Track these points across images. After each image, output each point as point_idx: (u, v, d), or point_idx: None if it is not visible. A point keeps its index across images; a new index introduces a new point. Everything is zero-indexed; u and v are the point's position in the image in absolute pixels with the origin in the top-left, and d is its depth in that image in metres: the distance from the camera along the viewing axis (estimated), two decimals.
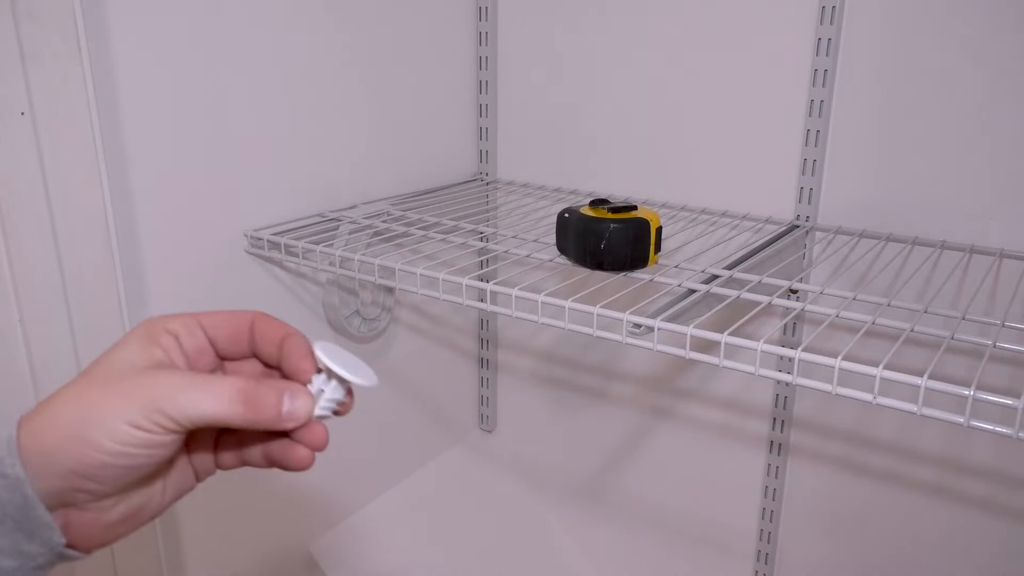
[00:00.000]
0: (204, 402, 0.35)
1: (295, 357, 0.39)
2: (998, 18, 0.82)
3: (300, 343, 0.40)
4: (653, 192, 1.08)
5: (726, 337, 0.60)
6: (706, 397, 1.12)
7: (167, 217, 0.81)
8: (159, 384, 0.35)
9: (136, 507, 0.38)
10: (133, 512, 0.38)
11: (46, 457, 0.34)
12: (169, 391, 0.35)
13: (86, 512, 0.36)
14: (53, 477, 0.34)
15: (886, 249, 0.91)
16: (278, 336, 0.40)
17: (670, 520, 1.21)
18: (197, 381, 0.36)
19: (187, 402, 0.35)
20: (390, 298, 1.07)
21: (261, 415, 0.36)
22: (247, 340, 0.41)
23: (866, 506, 1.04)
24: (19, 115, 0.66)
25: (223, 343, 0.41)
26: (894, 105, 0.89)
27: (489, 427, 1.35)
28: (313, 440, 0.39)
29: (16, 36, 0.65)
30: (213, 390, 0.36)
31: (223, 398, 0.35)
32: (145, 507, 0.39)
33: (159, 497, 0.39)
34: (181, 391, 0.35)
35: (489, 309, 0.72)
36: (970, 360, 0.89)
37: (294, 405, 0.38)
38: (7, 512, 0.34)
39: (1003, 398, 0.53)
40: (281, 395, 0.37)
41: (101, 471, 0.34)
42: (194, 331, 0.40)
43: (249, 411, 0.36)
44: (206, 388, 0.36)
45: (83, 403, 0.35)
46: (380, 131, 1.04)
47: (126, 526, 0.38)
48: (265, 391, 0.37)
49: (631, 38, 1.05)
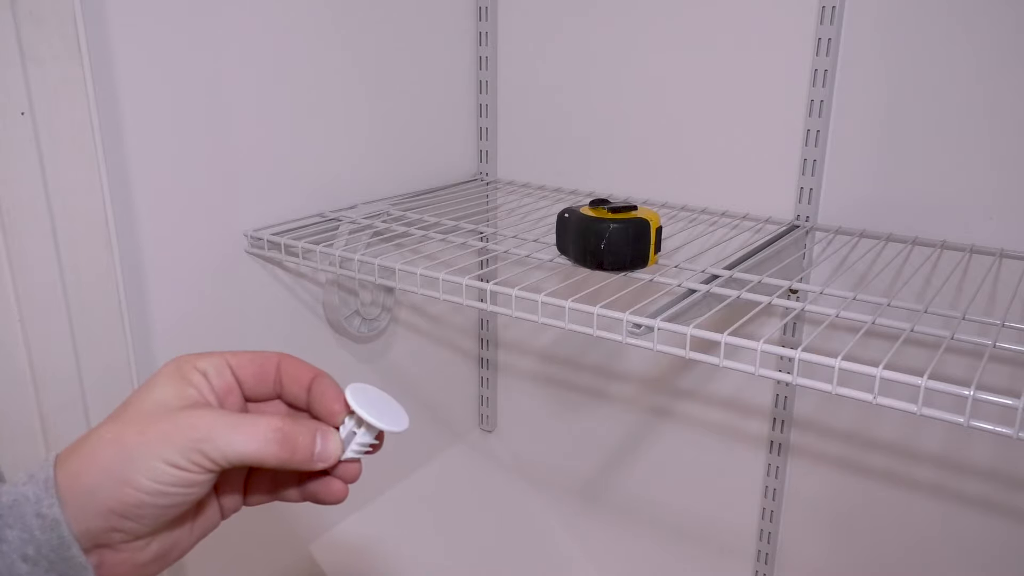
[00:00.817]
0: (242, 442, 0.35)
1: (326, 399, 0.40)
2: (998, 18, 0.82)
3: (330, 385, 0.40)
4: (653, 192, 1.08)
5: (726, 337, 0.60)
6: (706, 397, 1.12)
7: (167, 217, 0.81)
8: (197, 425, 0.35)
9: (168, 547, 0.38)
10: (164, 552, 0.38)
11: (85, 498, 0.34)
12: (207, 432, 0.35)
13: (120, 552, 0.36)
14: (91, 517, 0.34)
15: (886, 249, 0.91)
16: (306, 378, 0.40)
17: (670, 520, 1.21)
18: (234, 421, 0.36)
19: (225, 442, 0.35)
20: (390, 298, 1.07)
21: (295, 455, 0.37)
22: (273, 380, 0.41)
23: (866, 506, 1.04)
24: (19, 115, 0.66)
25: (250, 383, 0.41)
26: (894, 105, 0.89)
27: (489, 427, 1.35)
28: (347, 475, 0.41)
29: (16, 37, 0.65)
30: (250, 430, 0.36)
31: (259, 438, 0.36)
32: (176, 546, 0.39)
33: (188, 536, 0.40)
34: (219, 432, 0.35)
35: (489, 309, 0.72)
36: (970, 360, 0.89)
37: (326, 447, 0.38)
38: (42, 553, 0.34)
39: (1003, 398, 0.53)
40: (314, 436, 0.38)
41: (139, 510, 0.35)
42: (222, 370, 0.40)
43: (284, 451, 0.36)
44: (243, 428, 0.36)
45: (122, 444, 0.35)
46: (380, 131, 1.04)
47: (157, 566, 0.38)
48: (300, 431, 0.37)
49: (631, 38, 1.05)
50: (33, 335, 0.71)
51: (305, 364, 0.41)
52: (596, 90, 1.09)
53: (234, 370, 0.40)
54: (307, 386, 0.40)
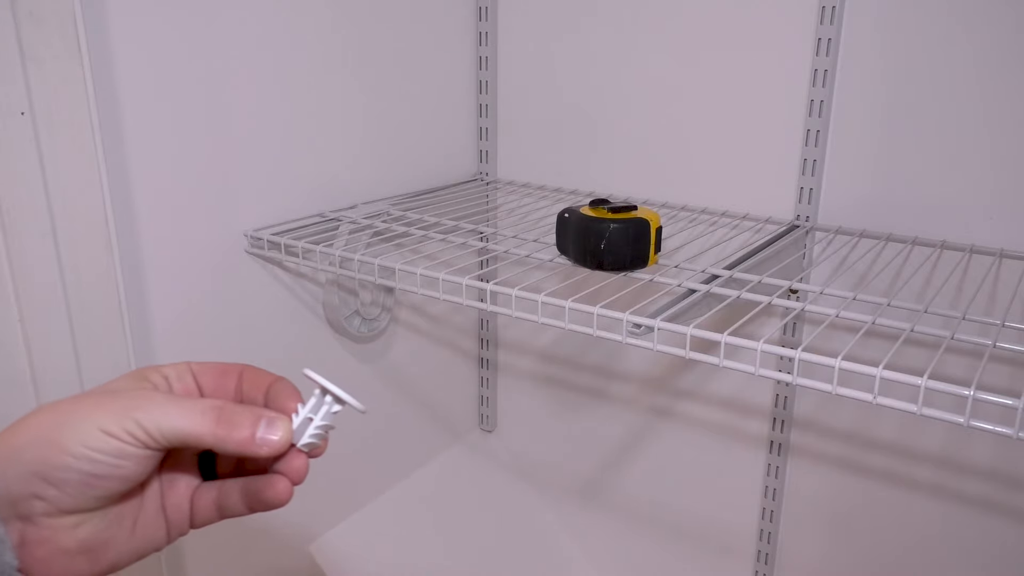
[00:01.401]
0: (177, 415, 0.35)
1: (281, 397, 0.39)
2: (998, 18, 0.82)
3: (287, 386, 0.40)
4: (653, 192, 1.08)
5: (726, 337, 0.60)
6: (706, 397, 1.12)
7: (167, 217, 0.81)
8: (137, 397, 0.36)
9: (97, 538, 0.37)
10: (94, 544, 0.37)
11: (10, 456, 0.34)
12: (144, 402, 0.35)
13: (42, 529, 0.35)
14: (13, 480, 0.34)
15: (886, 249, 0.91)
16: (265, 383, 0.40)
17: (670, 520, 1.21)
18: (175, 397, 0.36)
19: (160, 413, 0.35)
20: (390, 298, 1.07)
21: (233, 433, 0.36)
22: (234, 388, 0.41)
23: (866, 506, 1.04)
24: (19, 115, 0.66)
25: (210, 388, 0.41)
26: (894, 105, 0.90)
27: (489, 427, 1.35)
28: (292, 469, 0.39)
29: (16, 37, 0.65)
30: (187, 404, 0.36)
31: (195, 412, 0.35)
32: (109, 544, 0.37)
33: (126, 539, 0.38)
34: (155, 404, 0.35)
35: (489, 309, 0.72)
36: (970, 360, 0.89)
37: (270, 430, 0.37)
38: None
39: (1003, 398, 0.53)
40: (258, 419, 0.37)
41: (64, 474, 0.34)
42: (184, 375, 0.40)
43: (221, 427, 0.36)
44: (181, 403, 0.36)
45: (58, 410, 0.35)
46: (380, 131, 1.04)
47: (87, 560, 0.37)
48: (241, 411, 0.37)
49: (631, 38, 1.05)
50: (33, 335, 0.71)
51: (266, 372, 0.41)
52: (596, 90, 1.09)
53: (196, 375, 0.40)
54: (266, 390, 0.40)
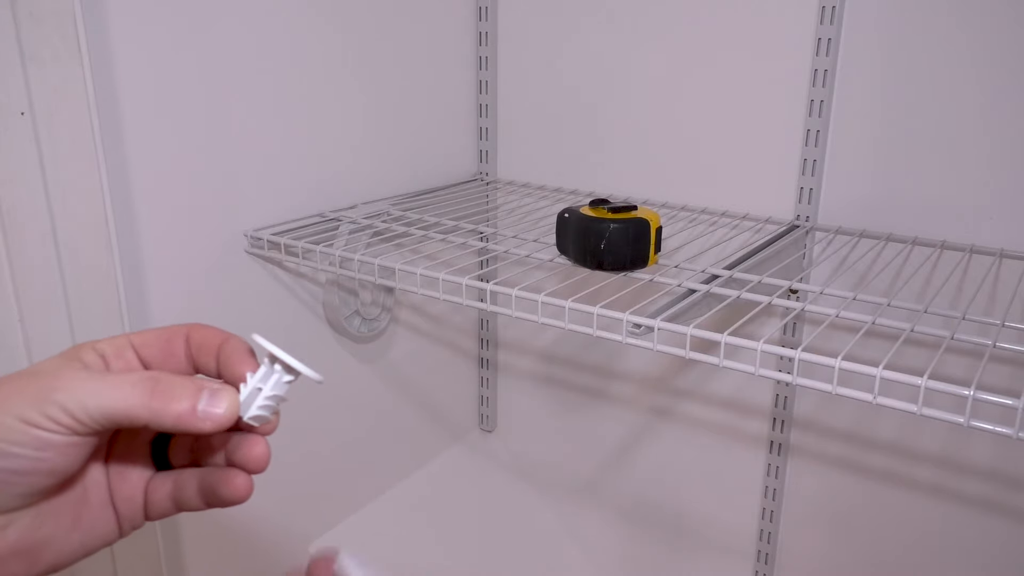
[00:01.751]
0: (104, 392, 0.31)
1: (233, 360, 0.35)
2: (998, 18, 0.82)
3: (238, 347, 0.36)
4: (653, 192, 1.08)
5: (726, 337, 0.60)
6: (706, 397, 1.12)
7: (167, 217, 0.81)
8: (58, 377, 0.31)
9: (31, 539, 0.33)
10: (26, 546, 0.33)
11: None
12: (67, 382, 0.31)
13: None
14: None
15: (886, 249, 0.91)
16: (215, 344, 0.36)
17: (670, 520, 1.21)
18: (102, 373, 0.32)
19: (86, 392, 0.31)
20: (390, 298, 1.07)
21: (170, 406, 0.32)
22: (184, 355, 0.36)
23: (866, 506, 1.04)
24: (19, 115, 0.66)
25: (157, 361, 0.36)
26: (894, 105, 0.89)
27: (489, 427, 1.35)
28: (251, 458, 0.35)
29: (16, 36, 0.64)
30: (116, 378, 0.32)
31: (126, 385, 0.31)
32: (46, 543, 0.34)
33: (65, 536, 0.34)
34: (79, 383, 0.31)
35: (489, 309, 0.72)
36: (970, 360, 0.89)
37: (213, 402, 0.33)
38: None
39: (1003, 398, 0.53)
40: (199, 390, 0.33)
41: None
42: (124, 351, 0.36)
43: (156, 400, 0.31)
44: (109, 378, 0.32)
45: None
46: (380, 131, 1.04)
47: (22, 562, 0.33)
48: (179, 381, 0.32)
49: (631, 38, 1.05)
50: (33, 335, 0.71)
51: (215, 330, 0.37)
52: (596, 90, 1.09)
53: (137, 350, 0.36)
54: (216, 353, 0.36)
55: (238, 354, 0.35)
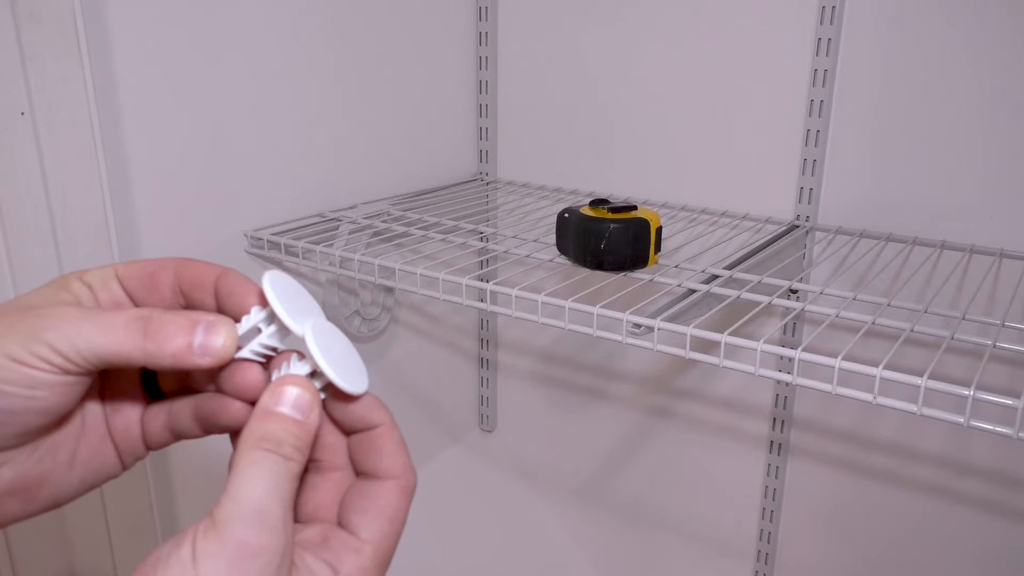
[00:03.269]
0: (96, 332, 0.30)
1: (236, 295, 0.33)
2: (998, 18, 0.82)
3: (240, 280, 0.33)
4: (653, 192, 1.08)
5: (726, 337, 0.60)
6: (706, 397, 1.12)
7: (167, 217, 0.81)
8: (47, 314, 0.30)
9: (27, 476, 0.32)
10: (23, 484, 0.32)
11: None
12: (56, 321, 0.30)
13: None
14: None
15: (886, 249, 0.91)
16: (210, 278, 0.34)
17: (670, 520, 1.21)
18: (93, 312, 0.31)
19: (76, 332, 0.29)
20: (390, 298, 1.07)
21: (166, 345, 0.30)
22: (170, 290, 0.34)
23: (866, 506, 1.04)
24: (19, 115, 0.66)
25: (141, 294, 0.34)
26: (894, 105, 0.89)
27: (489, 427, 1.35)
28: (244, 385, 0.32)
29: (16, 36, 0.65)
30: (106, 317, 0.30)
31: (118, 326, 0.30)
32: (44, 480, 0.33)
33: (64, 473, 0.33)
34: (70, 321, 0.30)
35: (489, 309, 0.72)
36: (970, 360, 0.89)
37: (210, 335, 0.31)
38: None
39: (1003, 398, 0.53)
40: (193, 324, 0.31)
41: None
42: (109, 282, 0.34)
43: (151, 340, 0.30)
44: (99, 316, 0.30)
45: None
46: (380, 131, 1.04)
47: (19, 501, 0.32)
48: (172, 317, 0.31)
49: (631, 38, 1.05)
50: None
51: (208, 264, 0.34)
52: (596, 90, 1.09)
53: (122, 281, 0.34)
54: (212, 289, 0.34)
55: (241, 288, 0.33)
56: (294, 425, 0.30)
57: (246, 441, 0.29)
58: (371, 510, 0.33)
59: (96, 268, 0.34)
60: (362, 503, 0.33)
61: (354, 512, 0.33)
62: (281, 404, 0.30)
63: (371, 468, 0.34)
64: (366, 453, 0.34)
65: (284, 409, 0.30)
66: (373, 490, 0.33)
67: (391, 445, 0.34)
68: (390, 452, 0.34)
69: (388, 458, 0.34)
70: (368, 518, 0.33)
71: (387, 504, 0.33)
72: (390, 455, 0.34)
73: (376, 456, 0.34)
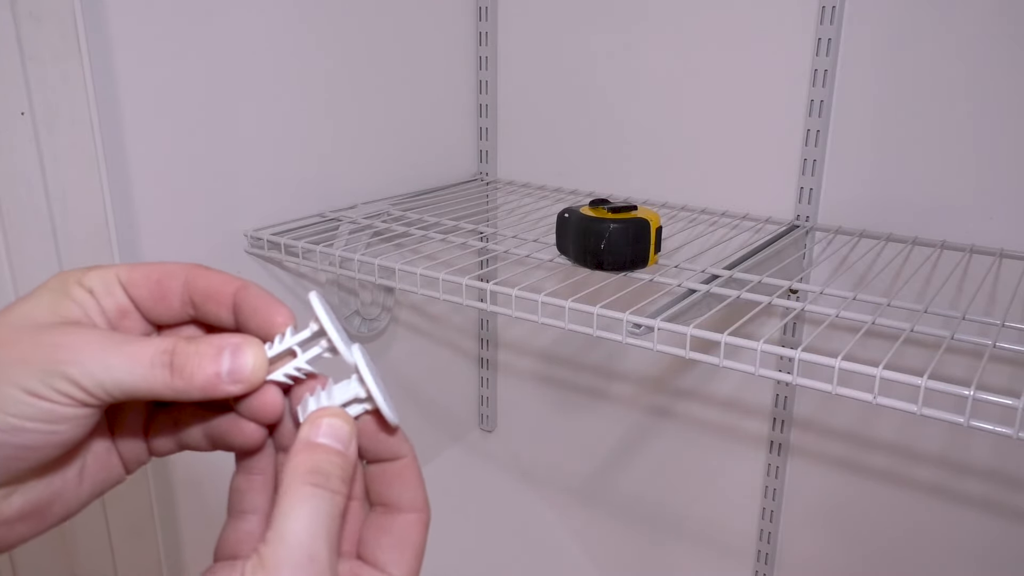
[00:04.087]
0: (120, 367, 0.28)
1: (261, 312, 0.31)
2: (998, 18, 0.82)
3: (261, 295, 0.32)
4: (653, 192, 1.08)
5: (726, 337, 0.60)
6: (706, 397, 1.12)
7: (167, 217, 0.81)
8: (65, 344, 0.28)
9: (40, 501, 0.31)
10: (36, 508, 0.31)
11: None
12: (77, 353, 0.28)
13: None
14: None
15: (886, 249, 0.91)
16: (227, 292, 0.32)
17: (670, 520, 1.21)
18: (114, 340, 0.29)
19: (99, 366, 0.28)
20: (390, 298, 1.07)
21: (193, 381, 0.29)
22: (178, 300, 0.32)
23: (866, 506, 1.04)
24: (19, 115, 0.66)
25: (147, 303, 0.32)
26: (894, 105, 0.89)
27: (489, 427, 1.35)
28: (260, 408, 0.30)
29: (16, 36, 0.65)
30: (130, 350, 0.28)
31: (143, 360, 0.28)
32: (55, 502, 0.31)
33: (73, 490, 0.32)
34: (91, 352, 0.28)
35: (489, 309, 0.72)
36: (970, 360, 0.89)
37: (238, 362, 0.29)
38: None
39: (1003, 398, 0.53)
40: (220, 352, 0.29)
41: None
42: (112, 287, 0.32)
43: (177, 377, 0.28)
44: (123, 348, 0.28)
45: None
46: (380, 131, 1.04)
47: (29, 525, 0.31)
48: (196, 349, 0.29)
49: (631, 38, 1.05)
50: None
51: (224, 275, 0.32)
52: (596, 90, 1.09)
53: (127, 287, 0.32)
54: (230, 303, 0.32)
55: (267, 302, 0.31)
56: (338, 456, 0.29)
57: (294, 475, 0.28)
58: (399, 546, 0.32)
59: (96, 269, 0.32)
60: (388, 539, 0.32)
61: (381, 549, 0.32)
62: (323, 435, 0.29)
63: (393, 500, 0.32)
64: (388, 484, 0.33)
65: (327, 440, 0.29)
66: (398, 524, 0.32)
67: (416, 478, 0.33)
68: (414, 485, 0.33)
69: (412, 491, 0.33)
70: (397, 554, 0.32)
71: (415, 540, 0.32)
72: (414, 488, 0.33)
73: (400, 488, 0.32)
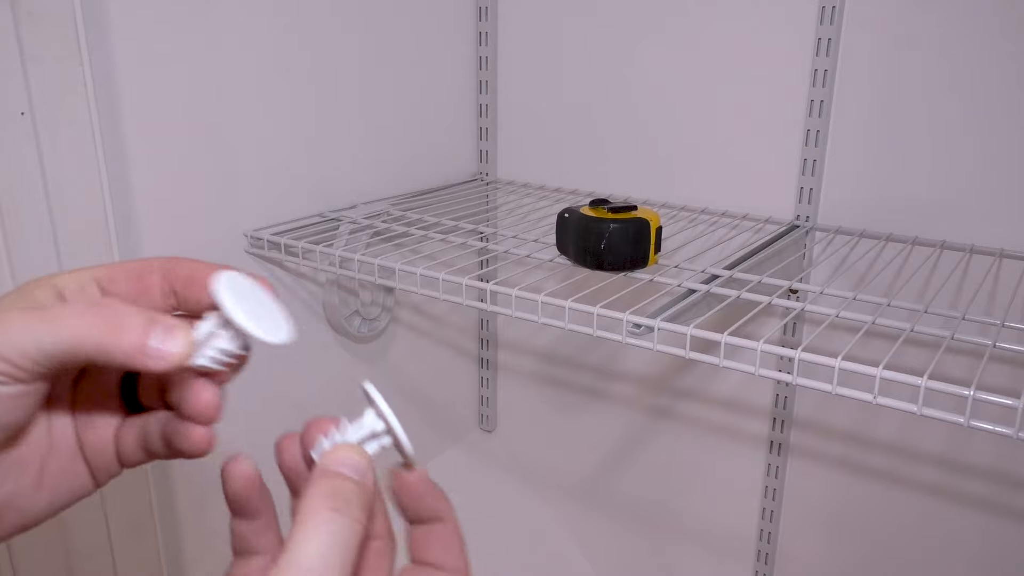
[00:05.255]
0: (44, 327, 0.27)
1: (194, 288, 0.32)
2: (998, 18, 0.82)
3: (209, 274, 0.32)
4: (653, 192, 1.08)
5: (726, 337, 0.60)
6: (706, 397, 1.12)
7: (167, 217, 0.81)
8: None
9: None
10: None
11: None
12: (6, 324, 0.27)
13: None
14: None
15: (886, 249, 0.91)
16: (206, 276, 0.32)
17: (670, 520, 1.21)
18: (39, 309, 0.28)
19: (21, 331, 0.27)
20: (390, 298, 1.07)
21: (121, 338, 0.28)
22: (160, 292, 0.32)
23: (866, 506, 1.04)
24: (19, 115, 0.66)
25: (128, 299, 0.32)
26: (894, 105, 0.89)
27: (489, 427, 1.35)
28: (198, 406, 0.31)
29: (16, 36, 0.65)
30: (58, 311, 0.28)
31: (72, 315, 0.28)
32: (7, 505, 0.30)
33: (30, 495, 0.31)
34: (18, 321, 0.27)
35: (489, 309, 0.72)
36: (970, 360, 0.89)
37: (167, 339, 0.28)
38: None
39: (1003, 398, 0.53)
40: (152, 323, 0.28)
41: None
42: (87, 287, 0.31)
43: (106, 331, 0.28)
44: (52, 311, 0.28)
45: None
46: (380, 131, 1.04)
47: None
48: (131, 312, 0.28)
49: (631, 38, 1.05)
50: None
51: (200, 261, 0.32)
52: (596, 90, 1.09)
53: (103, 286, 0.32)
54: None
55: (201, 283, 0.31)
56: (355, 485, 0.29)
57: (313, 500, 0.27)
58: None
59: (71, 272, 0.31)
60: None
61: None
62: (340, 465, 0.29)
63: (434, 560, 0.33)
64: (431, 545, 0.34)
65: (344, 469, 0.29)
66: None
67: (458, 542, 0.34)
68: (456, 548, 0.34)
69: (454, 554, 0.34)
70: None
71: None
72: (456, 551, 0.34)
73: (442, 550, 0.33)
